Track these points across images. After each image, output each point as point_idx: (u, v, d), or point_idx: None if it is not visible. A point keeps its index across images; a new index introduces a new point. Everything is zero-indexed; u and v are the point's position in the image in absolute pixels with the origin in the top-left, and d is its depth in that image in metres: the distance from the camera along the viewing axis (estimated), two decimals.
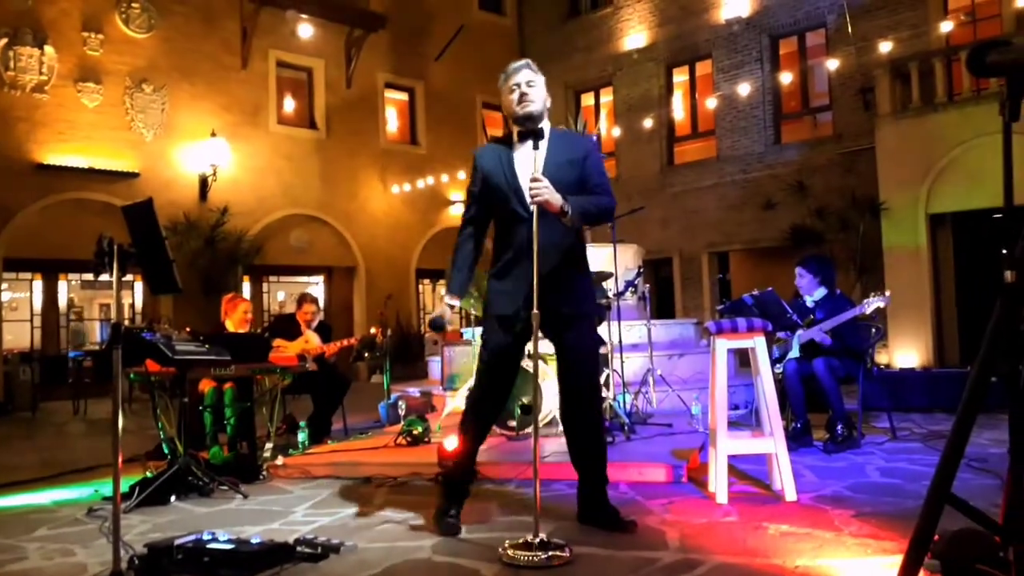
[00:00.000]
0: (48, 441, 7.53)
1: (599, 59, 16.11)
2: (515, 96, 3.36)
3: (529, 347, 3.37)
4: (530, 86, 3.37)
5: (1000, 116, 1.65)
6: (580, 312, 3.44)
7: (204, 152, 12.79)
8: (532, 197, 3.13)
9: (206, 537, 3.05)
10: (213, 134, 12.79)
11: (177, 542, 2.98)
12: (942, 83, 10.55)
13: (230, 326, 5.97)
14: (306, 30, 13.75)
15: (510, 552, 2.94)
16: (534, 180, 3.13)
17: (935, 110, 10.55)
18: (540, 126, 3.34)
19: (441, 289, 17.18)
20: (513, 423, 5.29)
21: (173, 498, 4.24)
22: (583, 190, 3.34)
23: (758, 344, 3.91)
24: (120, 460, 2.70)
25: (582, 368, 3.45)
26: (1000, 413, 1.67)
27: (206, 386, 5.50)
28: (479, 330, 6.55)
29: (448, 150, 15.96)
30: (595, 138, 3.57)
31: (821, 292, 5.46)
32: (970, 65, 1.76)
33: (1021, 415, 1.70)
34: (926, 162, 10.53)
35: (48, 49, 11.54)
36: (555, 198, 3.16)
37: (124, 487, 4.31)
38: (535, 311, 3.10)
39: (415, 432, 5.32)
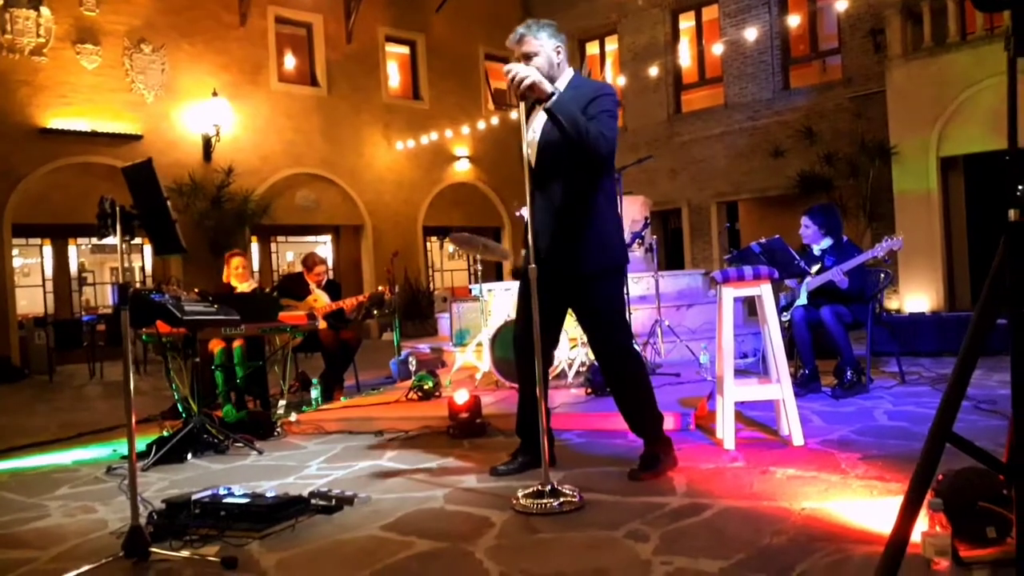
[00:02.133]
0: (66, 404, 7.65)
1: (603, 6, 15.80)
2: None
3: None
4: (529, 58, 3.32)
5: (1005, 51, 1.61)
6: (586, 272, 3.32)
7: (206, 112, 12.70)
8: (509, 78, 3.09)
9: (222, 492, 3.12)
10: (214, 94, 12.68)
11: (194, 497, 3.04)
12: (955, 22, 10.31)
13: (234, 283, 6.01)
14: None
15: (523, 501, 2.99)
16: (506, 67, 3.13)
17: (947, 50, 10.33)
18: (555, 83, 3.29)
19: (449, 247, 17.22)
20: None
21: (189, 456, 4.33)
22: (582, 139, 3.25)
23: (764, 292, 3.91)
24: (134, 419, 2.74)
25: (596, 332, 3.43)
26: (1008, 355, 1.67)
27: (216, 346, 5.56)
28: (487, 286, 6.59)
29: (451, 104, 15.79)
30: (610, 87, 3.40)
31: (827, 241, 5.43)
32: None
33: (1022, 357, 1.70)
34: (938, 104, 10.36)
35: (44, 10, 11.40)
36: (536, 79, 3.09)
37: (141, 446, 4.41)
38: (531, 266, 3.10)
39: (426, 387, 5.38)
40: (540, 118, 3.35)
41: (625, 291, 3.57)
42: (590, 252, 3.32)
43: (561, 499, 2.95)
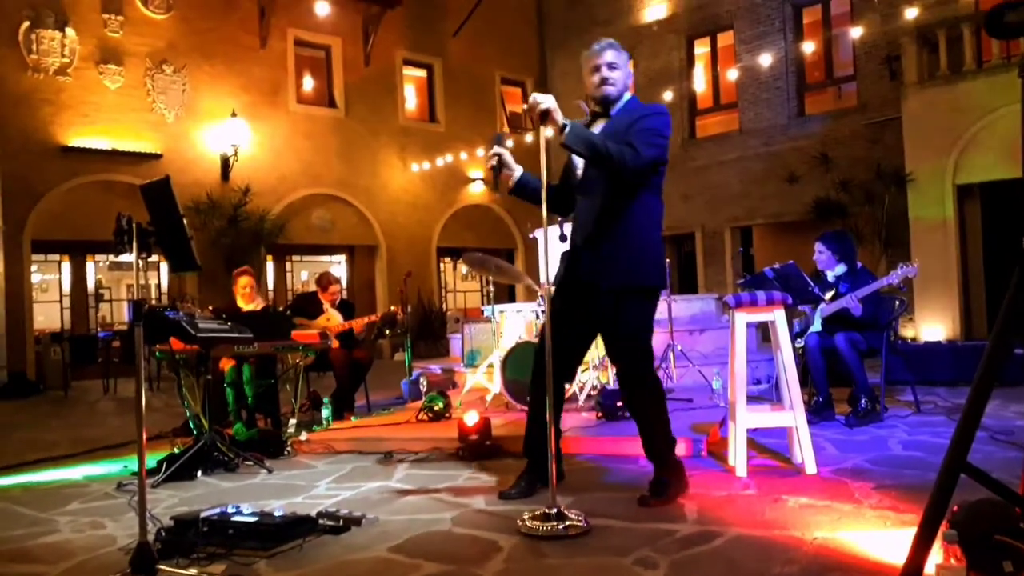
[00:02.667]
0: (80, 419, 7.69)
1: (619, 32, 15.88)
2: (596, 78, 3.44)
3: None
4: (612, 68, 3.42)
5: (1019, 78, 1.61)
6: (614, 288, 3.30)
7: (225, 132, 12.86)
8: (531, 108, 3.19)
9: (231, 510, 3.11)
10: (233, 114, 12.84)
11: (202, 515, 3.04)
12: (970, 50, 10.31)
13: (240, 303, 6.01)
14: (323, 8, 13.69)
15: (529, 523, 2.97)
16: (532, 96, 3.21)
17: (963, 78, 10.32)
18: (616, 103, 3.44)
19: (463, 268, 17.24)
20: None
21: (199, 473, 4.33)
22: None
23: (777, 317, 3.89)
24: (144, 435, 2.76)
25: (617, 352, 3.42)
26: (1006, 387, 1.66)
27: (226, 364, 5.58)
28: (499, 307, 6.59)
29: (467, 127, 15.90)
30: (662, 107, 3.45)
31: (841, 268, 5.40)
32: (989, 26, 1.73)
33: None
34: (954, 132, 10.32)
35: (69, 31, 11.63)
36: (552, 108, 3.17)
37: (152, 463, 4.42)
38: (545, 283, 3.12)
39: (436, 408, 5.37)
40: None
41: (653, 315, 3.50)
42: (619, 268, 3.31)
43: (567, 523, 2.92)
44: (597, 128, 3.44)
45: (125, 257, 2.66)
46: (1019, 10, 1.65)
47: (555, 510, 2.97)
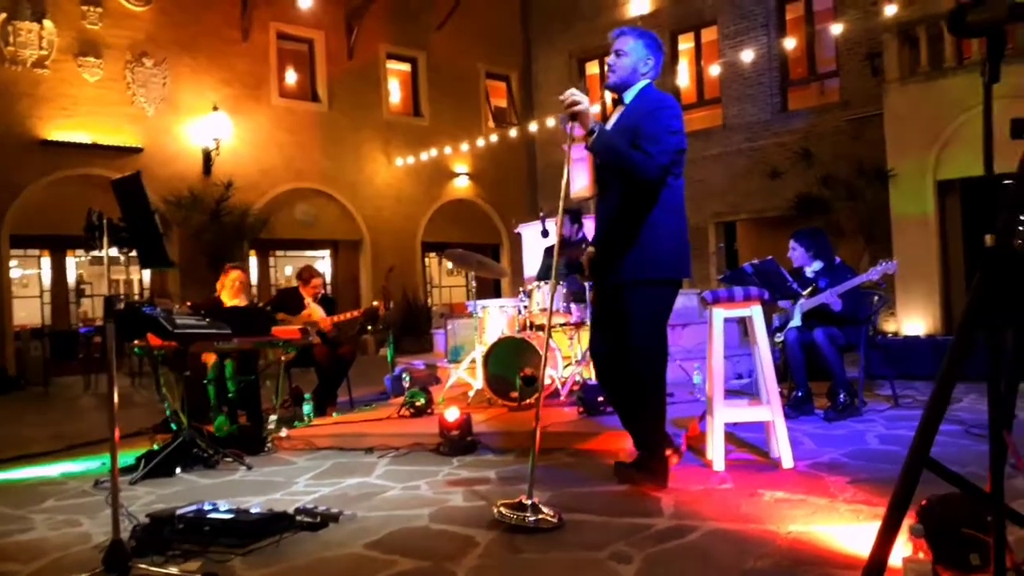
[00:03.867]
0: (59, 415, 7.63)
1: (603, 26, 15.83)
2: (608, 62, 3.54)
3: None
4: (618, 55, 3.48)
5: (981, 77, 1.63)
6: (621, 281, 3.41)
7: (206, 126, 12.77)
8: (564, 103, 3.25)
9: (207, 507, 3.10)
10: (215, 108, 12.75)
11: (178, 512, 3.03)
12: (951, 47, 10.37)
13: (225, 297, 5.97)
14: (306, 1, 13.61)
15: (502, 510, 2.98)
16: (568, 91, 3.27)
17: (944, 75, 10.38)
18: (627, 90, 3.51)
19: (447, 263, 17.23)
20: (515, 394, 5.32)
21: (178, 470, 4.31)
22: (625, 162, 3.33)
23: (755, 313, 3.91)
24: (117, 433, 2.74)
25: (623, 339, 3.45)
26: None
27: (209, 359, 5.55)
28: (482, 303, 6.59)
29: (451, 121, 15.86)
30: (671, 100, 3.45)
31: (819, 264, 5.43)
32: (951, 26, 1.74)
33: (998, 381, 1.70)
34: (935, 128, 10.39)
35: (47, 23, 11.48)
36: (586, 110, 3.23)
37: (130, 460, 4.40)
38: (542, 281, 3.15)
39: (418, 404, 5.36)
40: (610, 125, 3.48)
41: (663, 306, 3.50)
42: (628, 263, 3.38)
43: (538, 516, 2.92)
44: (616, 116, 3.51)
45: (96, 252, 2.64)
46: (979, 10, 1.67)
47: (530, 502, 2.98)
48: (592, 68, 16.70)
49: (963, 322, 1.64)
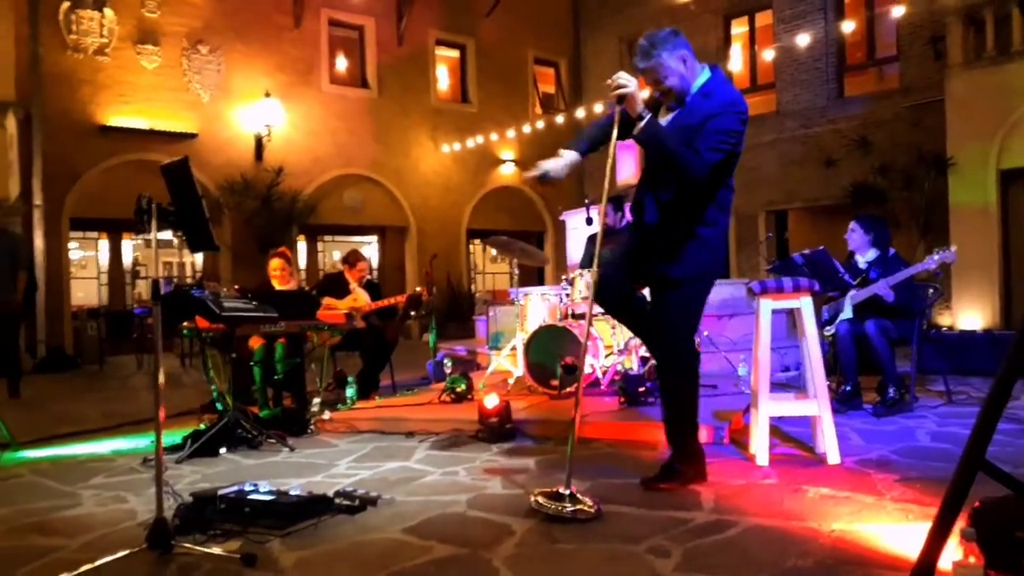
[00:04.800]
0: (112, 393, 7.86)
1: (654, 11, 15.63)
2: (652, 92, 3.36)
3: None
4: (658, 83, 3.28)
5: None
6: (678, 276, 3.30)
7: (259, 112, 12.96)
8: (611, 86, 3.11)
9: (248, 488, 3.15)
10: (267, 94, 12.92)
11: (220, 492, 3.08)
12: (1019, 30, 9.93)
13: (274, 283, 6.05)
14: None
15: (540, 499, 2.97)
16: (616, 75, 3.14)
17: (1011, 59, 9.95)
18: (689, 91, 3.31)
19: (492, 250, 17.22)
20: (555, 382, 5.29)
21: (223, 450, 4.39)
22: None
23: (804, 305, 3.80)
24: (162, 413, 2.80)
25: (660, 330, 3.41)
26: None
27: (256, 342, 5.63)
28: (522, 290, 6.56)
29: (499, 108, 15.81)
30: (740, 102, 3.32)
31: (873, 253, 5.27)
32: (1021, 3, 1.64)
33: None
34: (999, 115, 9.99)
35: (108, 12, 11.77)
36: (633, 94, 3.08)
37: (177, 439, 4.50)
38: (585, 270, 3.10)
39: (458, 389, 5.38)
40: (663, 120, 3.32)
41: (699, 303, 3.46)
42: (688, 258, 3.29)
43: (576, 506, 2.90)
44: (669, 117, 3.34)
45: (164, 235, 2.70)
46: None
47: (568, 492, 2.95)
48: None
49: None
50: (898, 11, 10.57)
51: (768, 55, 12.99)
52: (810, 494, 3.15)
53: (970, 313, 10.19)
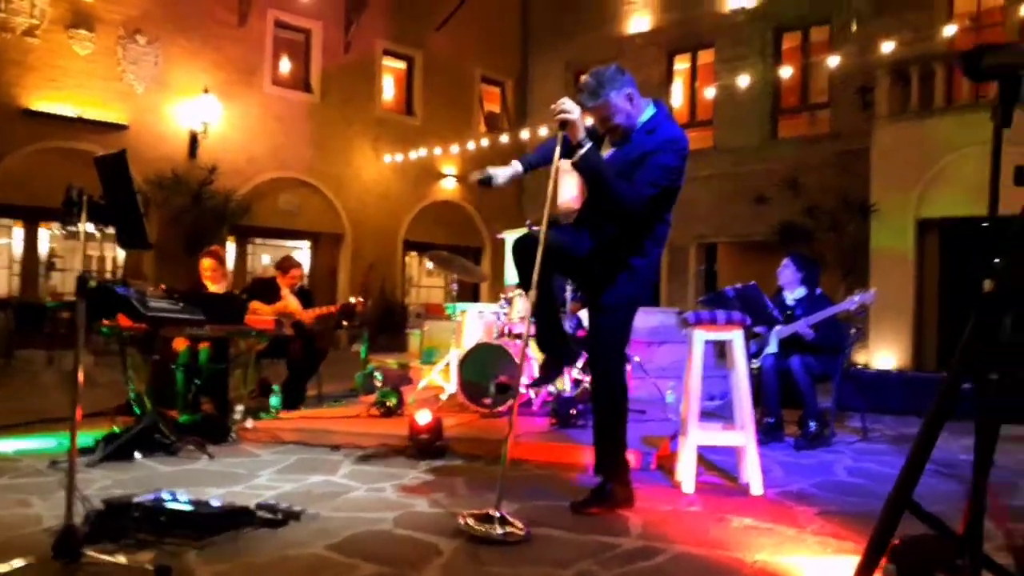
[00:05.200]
0: (19, 389, 7.46)
1: (602, 40, 15.93)
2: (600, 129, 3.40)
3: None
4: (605, 121, 3.32)
5: (991, 120, 1.61)
6: (597, 302, 3.43)
7: (195, 109, 12.61)
8: (554, 112, 3.16)
9: (165, 496, 3.02)
10: (206, 91, 12.60)
11: (136, 500, 2.94)
12: (942, 88, 10.51)
13: (207, 284, 5.87)
14: None
15: (469, 521, 2.94)
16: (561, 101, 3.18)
17: (932, 114, 10.52)
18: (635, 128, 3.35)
19: (428, 263, 17.12)
20: (488, 400, 5.27)
21: (138, 455, 4.21)
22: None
23: (735, 338, 3.90)
24: (79, 413, 2.66)
25: (594, 353, 3.55)
26: (972, 421, 1.66)
27: (180, 345, 5.44)
28: (460, 306, 6.53)
29: (443, 123, 15.80)
30: (682, 140, 3.44)
31: (802, 291, 5.45)
32: (966, 67, 1.73)
33: (986, 425, 1.69)
34: (920, 166, 10.52)
35: None
36: (576, 122, 3.13)
37: (90, 441, 4.28)
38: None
39: (388, 404, 5.29)
40: (606, 152, 3.37)
41: (630, 328, 3.58)
42: (617, 288, 3.38)
43: (506, 529, 2.88)
44: (612, 150, 3.39)
45: (74, 229, 2.57)
46: (996, 53, 1.65)
47: (498, 514, 2.93)
48: None
49: (957, 362, 1.62)
50: (833, 60, 11.05)
51: (708, 92, 13.38)
52: (734, 524, 3.20)
53: (885, 353, 10.64)
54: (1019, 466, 4.39)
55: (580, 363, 5.23)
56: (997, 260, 1.71)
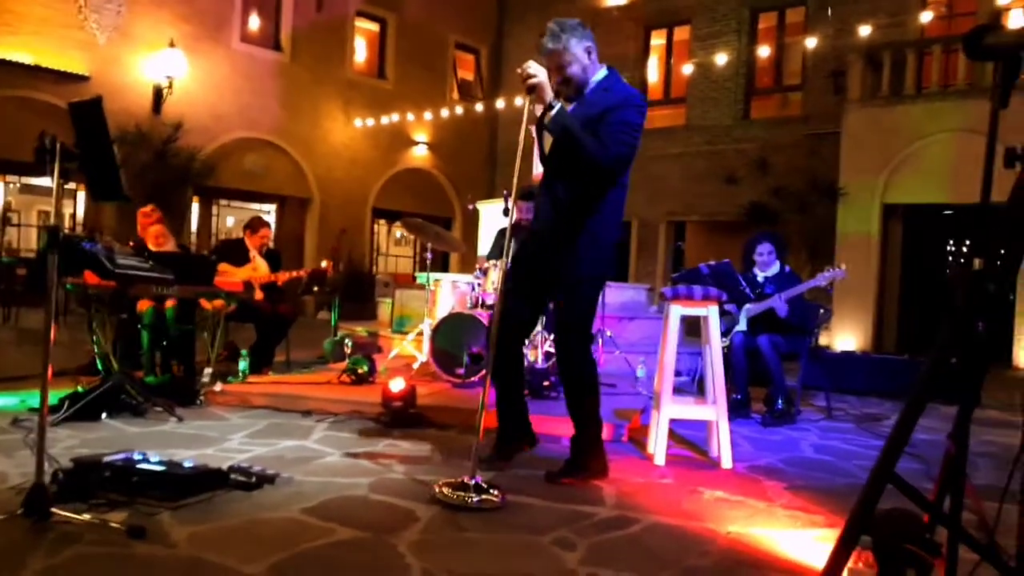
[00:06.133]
0: None
1: (578, 11, 15.76)
2: (554, 81, 3.32)
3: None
4: (561, 68, 3.31)
5: (990, 102, 1.62)
6: (580, 277, 3.34)
7: (160, 62, 12.23)
8: (521, 76, 3.16)
9: (137, 457, 2.96)
10: (172, 44, 12.22)
11: (106, 459, 2.88)
12: (912, 75, 10.66)
13: (149, 244, 5.66)
14: None
15: (444, 490, 2.94)
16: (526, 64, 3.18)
17: (902, 101, 10.68)
18: (587, 85, 3.36)
19: (397, 232, 16.98)
20: (461, 370, 5.26)
21: (104, 415, 4.13)
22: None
23: (711, 313, 3.93)
24: (50, 371, 2.58)
25: (562, 332, 3.47)
26: (933, 402, 1.70)
27: (145, 305, 5.31)
28: (434, 275, 6.49)
29: (416, 88, 15.58)
30: (639, 96, 3.45)
31: (776, 268, 5.52)
32: (966, 47, 1.73)
33: (969, 401, 1.73)
34: (887, 152, 10.69)
35: None
36: (543, 83, 3.15)
37: (53, 400, 4.17)
38: (496, 261, 3.07)
39: (360, 371, 5.26)
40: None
41: (597, 302, 3.54)
42: (581, 260, 3.32)
43: (481, 496, 2.89)
44: (574, 104, 3.38)
45: (43, 180, 2.46)
46: (997, 33, 1.66)
47: (474, 481, 2.94)
48: None
49: (943, 340, 1.65)
50: (810, 42, 11.12)
51: (684, 70, 13.38)
52: (706, 496, 3.26)
53: (845, 335, 10.87)
54: (977, 446, 4.54)
55: (552, 336, 5.25)
56: (969, 242, 1.73)
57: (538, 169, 3.64)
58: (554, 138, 3.30)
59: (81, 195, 12.15)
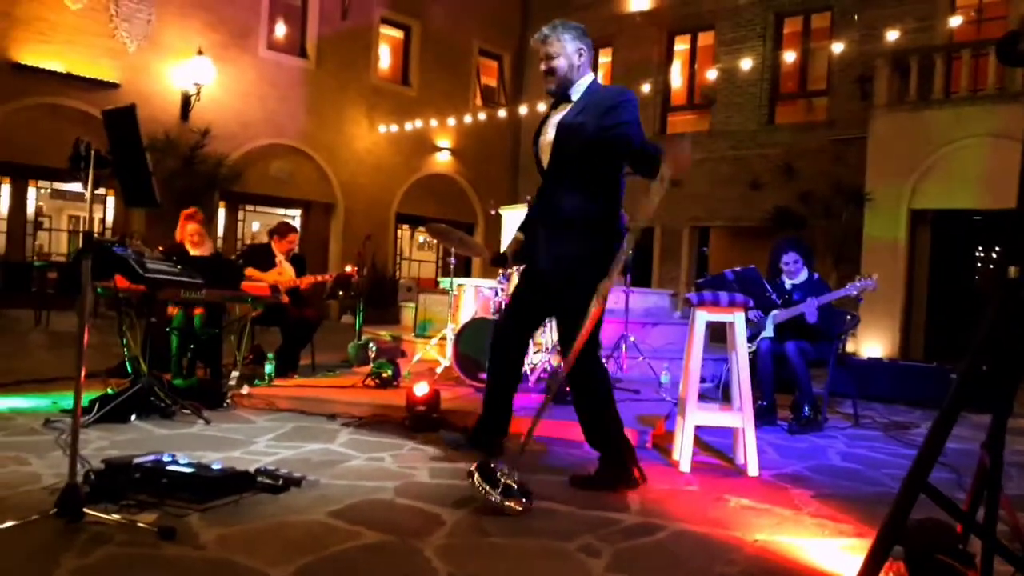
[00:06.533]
0: (7, 349, 7.37)
1: (602, 17, 15.81)
2: (542, 72, 3.45)
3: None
4: (550, 59, 3.41)
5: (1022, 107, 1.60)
6: (577, 283, 3.30)
7: (189, 70, 12.42)
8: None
9: (166, 459, 3.00)
10: (200, 52, 12.40)
11: (136, 461, 2.92)
12: (940, 79, 10.53)
13: (187, 247, 5.75)
14: None
15: (477, 477, 2.89)
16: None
17: (930, 106, 10.55)
18: (571, 88, 3.44)
19: (420, 237, 17.06)
20: (484, 375, 5.26)
21: (133, 417, 4.19)
22: (602, 140, 3.26)
23: (737, 320, 3.91)
24: (84, 373, 2.62)
25: (570, 340, 3.39)
26: (964, 411, 1.67)
27: (174, 308, 5.39)
28: (457, 280, 6.51)
29: (439, 95, 15.67)
30: (629, 92, 3.54)
31: (804, 275, 5.47)
32: (1000, 52, 1.72)
33: (1004, 410, 1.70)
34: (915, 157, 10.56)
35: None
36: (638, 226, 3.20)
37: (83, 402, 4.24)
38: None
39: (384, 375, 5.28)
40: (555, 120, 3.39)
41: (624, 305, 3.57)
42: (584, 264, 3.30)
43: (505, 501, 2.85)
44: (561, 114, 3.42)
45: (73, 186, 2.51)
46: None
47: (506, 480, 2.88)
48: None
49: (977, 348, 1.63)
50: (837, 47, 11.02)
51: (708, 75, 13.33)
52: (732, 504, 3.23)
53: (872, 342, 10.74)
54: (1010, 456, 4.45)
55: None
56: (1002, 249, 1.71)
57: None
58: (560, 148, 3.34)
59: (111, 200, 12.35)
